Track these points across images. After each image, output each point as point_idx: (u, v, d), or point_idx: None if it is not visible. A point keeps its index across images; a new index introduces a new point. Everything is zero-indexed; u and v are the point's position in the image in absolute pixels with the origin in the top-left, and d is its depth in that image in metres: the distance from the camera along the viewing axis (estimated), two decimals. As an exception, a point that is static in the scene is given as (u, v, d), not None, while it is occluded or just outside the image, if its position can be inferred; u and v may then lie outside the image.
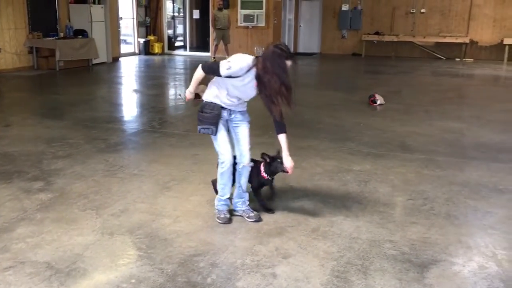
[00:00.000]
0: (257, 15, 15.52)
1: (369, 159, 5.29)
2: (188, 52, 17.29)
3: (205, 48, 16.72)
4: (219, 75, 3.36)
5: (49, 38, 12.13)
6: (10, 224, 3.53)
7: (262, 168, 3.76)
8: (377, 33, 17.38)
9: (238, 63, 3.30)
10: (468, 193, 4.34)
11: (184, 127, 6.77)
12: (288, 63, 3.29)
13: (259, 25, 15.63)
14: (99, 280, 2.85)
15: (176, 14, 18.05)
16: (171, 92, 10.37)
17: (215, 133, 3.51)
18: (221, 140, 3.54)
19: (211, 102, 3.50)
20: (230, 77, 3.34)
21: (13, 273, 2.89)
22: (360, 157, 5.37)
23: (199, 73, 3.50)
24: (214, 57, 15.13)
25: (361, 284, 2.86)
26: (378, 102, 8.34)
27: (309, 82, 12.45)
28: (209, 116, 3.48)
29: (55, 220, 3.61)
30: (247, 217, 3.68)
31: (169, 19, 17.64)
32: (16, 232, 3.41)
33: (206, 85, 3.61)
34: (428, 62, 15.89)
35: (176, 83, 11.63)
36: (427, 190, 4.38)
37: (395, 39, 16.99)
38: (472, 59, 16.52)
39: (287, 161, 3.59)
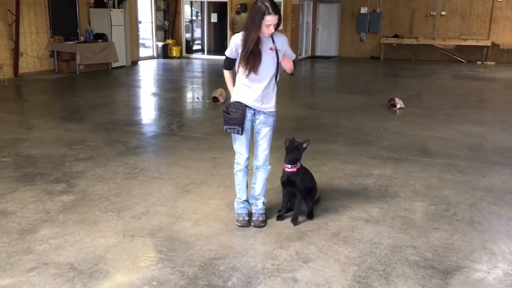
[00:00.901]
0: (275, 19, 15.51)
1: (389, 163, 5.24)
2: (206, 56, 17.38)
3: (223, 52, 16.65)
4: (229, 58, 3.50)
5: (70, 42, 12.32)
6: (34, 226, 3.58)
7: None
8: (396, 36, 17.25)
9: (233, 38, 3.47)
10: (491, 198, 4.26)
11: (202, 130, 6.80)
12: (268, 18, 3.27)
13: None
14: (121, 281, 2.87)
15: (194, 18, 18.18)
16: (189, 95, 10.43)
17: (241, 132, 3.49)
18: (242, 140, 3.56)
19: (237, 102, 3.50)
20: (237, 54, 3.44)
21: (37, 274, 2.93)
22: (380, 161, 5.32)
23: (225, 74, 3.62)
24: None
25: (383, 290, 2.82)
26: (398, 106, 8.26)
27: (327, 85, 12.41)
28: (234, 117, 3.46)
29: (78, 222, 3.66)
30: (252, 220, 3.68)
31: (187, 23, 17.77)
32: (39, 233, 3.46)
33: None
34: (449, 65, 15.70)
35: (194, 86, 11.69)
36: (450, 196, 4.32)
37: (414, 42, 16.84)
38: (493, 62, 16.28)
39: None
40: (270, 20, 3.28)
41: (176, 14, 17.02)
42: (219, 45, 17.58)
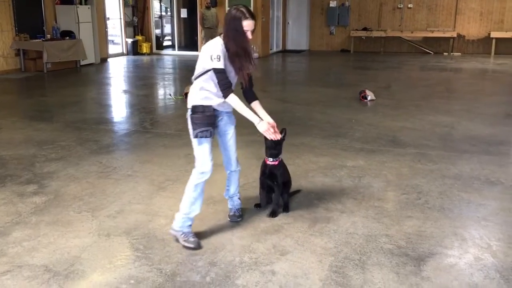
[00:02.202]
0: (246, 13, 15.47)
1: (362, 154, 5.33)
2: (176, 52, 17.23)
3: (194, 47, 16.68)
4: (223, 71, 3.12)
5: (36, 40, 12.01)
6: (5, 228, 3.50)
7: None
8: (365, 29, 17.47)
9: (215, 46, 3.13)
10: (461, 186, 4.39)
11: (176, 127, 6.75)
12: (246, 23, 3.08)
13: (247, 23, 15.59)
14: (98, 281, 2.84)
15: (163, 13, 17.98)
16: (161, 92, 10.33)
17: (212, 134, 3.26)
18: (207, 147, 3.26)
19: (200, 105, 3.24)
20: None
21: (11, 277, 2.87)
22: (353, 153, 5.40)
23: (232, 99, 3.20)
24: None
25: (359, 278, 2.88)
26: (369, 98, 8.39)
27: (299, 79, 12.48)
28: (205, 117, 3.21)
29: (51, 223, 3.59)
30: (229, 216, 3.68)
31: (157, 19, 17.56)
32: (11, 236, 3.38)
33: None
34: (417, 57, 16.01)
35: (166, 83, 11.59)
36: (421, 184, 4.42)
37: (383, 34, 17.09)
38: (460, 53, 16.68)
39: (266, 123, 3.29)
40: (249, 25, 3.10)
41: (145, 10, 16.80)
42: (190, 41, 17.45)
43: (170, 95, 9.34)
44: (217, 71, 3.13)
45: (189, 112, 3.28)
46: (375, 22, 17.61)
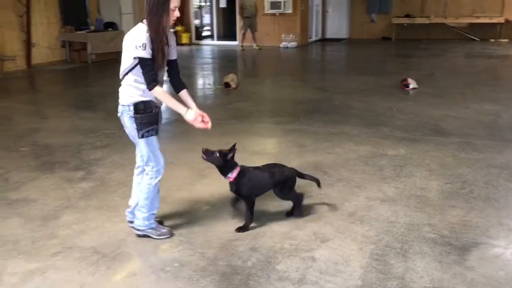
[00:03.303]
0: (284, 2, 15.40)
1: (403, 143, 5.24)
2: (215, 42, 17.33)
3: (233, 37, 16.75)
4: (150, 61, 2.88)
5: (81, 32, 12.37)
6: (56, 212, 3.67)
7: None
8: (407, 16, 17.00)
9: (140, 35, 2.88)
10: (507, 175, 4.25)
11: (215, 115, 6.75)
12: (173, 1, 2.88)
13: (286, 11, 15.51)
14: (143, 264, 2.95)
15: (202, 3, 18.10)
16: (200, 82, 10.44)
17: (157, 132, 3.07)
18: (156, 143, 3.08)
19: (141, 101, 2.99)
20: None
21: (62, 258, 3.01)
22: (394, 141, 5.31)
23: (158, 91, 2.96)
24: (242, 46, 15.14)
25: (401, 267, 2.86)
26: (411, 86, 8.20)
27: (339, 67, 12.33)
28: (149, 115, 2.99)
29: (98, 208, 3.74)
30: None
31: (196, 9, 17.70)
32: (61, 219, 3.54)
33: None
34: (461, 44, 15.48)
35: (205, 72, 11.70)
36: (465, 174, 4.31)
37: (426, 21, 16.58)
38: (507, 40, 16.00)
39: (193, 112, 3.11)
40: (176, 1, 2.87)
41: (185, 0, 16.95)
42: (228, 31, 17.51)
43: (209, 84, 9.44)
44: (142, 61, 2.87)
45: (125, 110, 3.02)
46: (418, 8, 17.09)
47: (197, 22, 17.75)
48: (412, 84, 8.25)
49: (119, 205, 3.77)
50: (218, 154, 3.29)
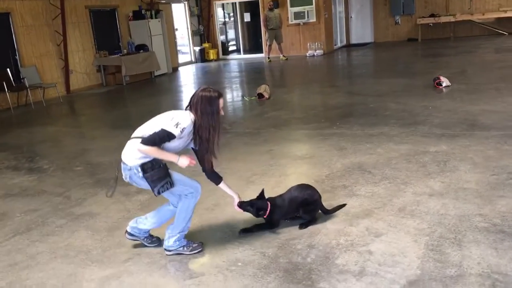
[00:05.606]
0: (308, 11, 15.62)
1: (444, 140, 5.30)
2: (242, 55, 17.66)
3: (259, 50, 17.05)
4: (173, 137, 3.02)
5: (114, 56, 12.87)
6: (119, 223, 3.90)
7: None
8: (432, 16, 16.96)
9: (185, 118, 3.05)
10: (553, 164, 4.28)
11: (253, 125, 7.02)
12: (220, 102, 3.12)
13: (310, 21, 15.72)
14: (208, 263, 3.13)
15: (227, 19, 18.50)
16: (232, 94, 10.69)
17: (172, 184, 3.16)
18: (181, 179, 3.24)
19: (149, 161, 3.07)
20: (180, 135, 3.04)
21: (133, 263, 3.23)
22: (434, 139, 5.38)
23: (151, 150, 2.99)
24: (269, 57, 15.40)
25: (457, 255, 2.95)
26: (444, 84, 8.22)
27: (367, 71, 12.39)
28: (158, 170, 3.08)
29: (157, 217, 3.94)
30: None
31: (221, 25, 18.10)
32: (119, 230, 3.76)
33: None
34: (490, 39, 15.32)
35: (234, 86, 11.96)
36: (510, 165, 4.36)
37: (452, 19, 16.50)
38: (537, 31, 15.76)
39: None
40: (222, 103, 3.14)
41: (210, 17, 17.37)
42: (254, 44, 17.83)
43: (243, 97, 9.66)
44: (166, 133, 2.99)
45: (133, 174, 3.11)
46: (442, 7, 17.04)
47: (223, 37, 18.12)
48: (445, 82, 8.27)
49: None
50: (251, 207, 3.50)
